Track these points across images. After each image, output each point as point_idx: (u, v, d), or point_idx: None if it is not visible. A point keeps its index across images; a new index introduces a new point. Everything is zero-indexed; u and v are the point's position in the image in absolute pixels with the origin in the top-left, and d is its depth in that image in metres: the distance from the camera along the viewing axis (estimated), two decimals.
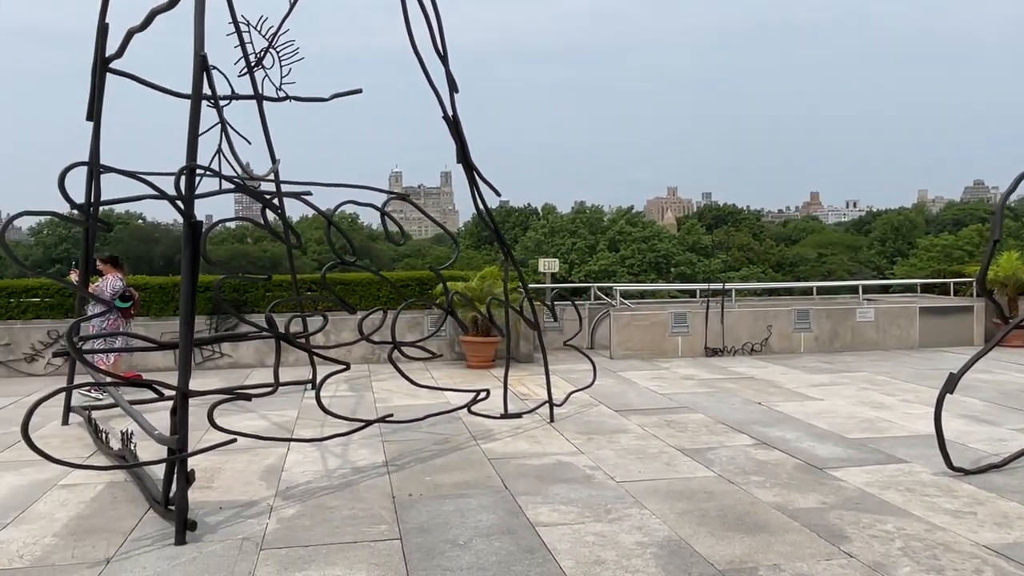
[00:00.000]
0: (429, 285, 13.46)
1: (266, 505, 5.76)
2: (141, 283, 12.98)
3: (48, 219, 50.16)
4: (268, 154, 9.95)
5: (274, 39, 9.25)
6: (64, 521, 5.47)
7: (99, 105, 8.30)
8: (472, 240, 75.80)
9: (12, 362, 12.18)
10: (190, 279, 5.48)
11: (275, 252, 61.50)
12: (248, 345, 12.71)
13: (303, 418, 8.78)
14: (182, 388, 5.26)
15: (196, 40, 6.12)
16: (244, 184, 7.27)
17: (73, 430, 8.27)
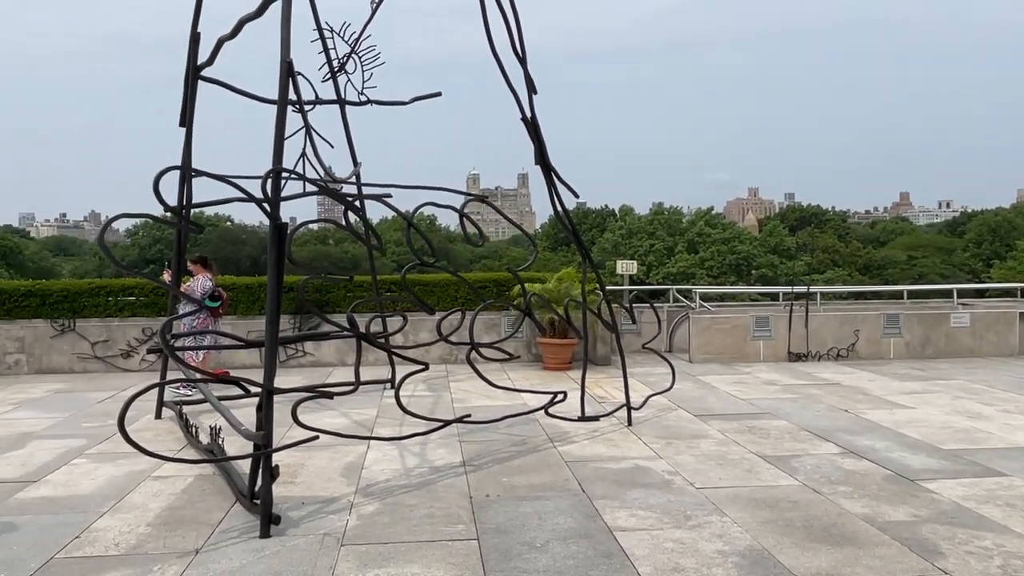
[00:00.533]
0: (507, 286, 13.49)
1: (347, 502, 5.86)
2: (229, 283, 13.42)
3: (143, 221, 52.32)
4: (350, 157, 10.16)
5: (356, 44, 9.42)
6: (157, 511, 5.68)
7: (191, 111, 8.62)
8: (549, 242, 75.78)
9: (110, 358, 12.76)
10: (275, 279, 5.63)
11: (356, 253, 62.81)
12: (330, 344, 12.99)
13: (382, 417, 8.91)
14: (267, 386, 5.41)
15: (282, 47, 6.29)
16: (327, 187, 7.44)
17: (165, 424, 8.60)
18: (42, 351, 12.73)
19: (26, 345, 12.70)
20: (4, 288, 13.27)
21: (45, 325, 12.75)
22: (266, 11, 7.32)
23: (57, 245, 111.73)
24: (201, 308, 9.93)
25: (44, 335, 12.74)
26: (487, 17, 7.31)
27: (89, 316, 12.88)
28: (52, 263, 80.00)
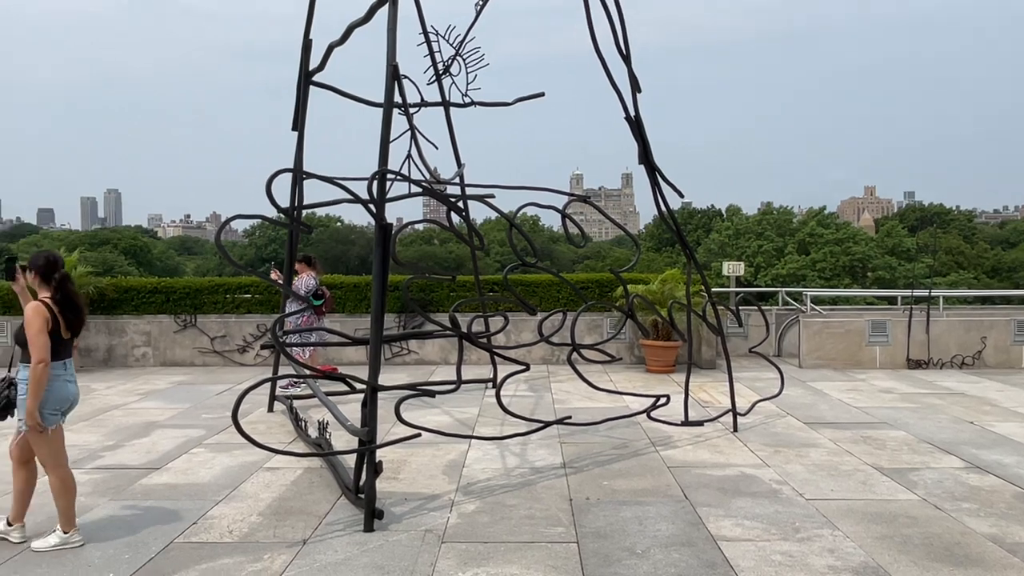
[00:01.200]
0: (609, 287, 13.37)
1: (448, 499, 5.92)
2: (337, 282, 13.84)
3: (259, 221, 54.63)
4: (454, 158, 10.29)
5: (461, 47, 9.53)
6: (268, 502, 5.90)
7: (303, 115, 8.93)
8: (653, 242, 74.75)
9: (227, 352, 13.38)
10: (381, 279, 5.74)
11: (460, 253, 63.70)
12: (433, 343, 13.20)
13: (484, 416, 8.98)
14: (372, 383, 5.52)
15: (388, 51, 6.42)
16: (431, 187, 7.54)
17: (277, 417, 8.93)
18: (166, 345, 13.46)
19: (152, 339, 13.46)
20: (133, 285, 14.12)
21: (169, 320, 13.48)
22: (374, 16, 7.51)
23: (181, 244, 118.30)
24: (309, 306, 10.24)
25: (168, 330, 13.47)
26: (591, 16, 7.25)
27: (209, 312, 13.54)
28: (177, 261, 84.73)
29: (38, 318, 4.80)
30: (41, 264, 4.97)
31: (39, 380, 4.77)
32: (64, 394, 4.96)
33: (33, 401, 4.79)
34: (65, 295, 4.94)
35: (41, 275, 4.97)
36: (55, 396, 4.90)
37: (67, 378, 5.00)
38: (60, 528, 4.98)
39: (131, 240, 79.69)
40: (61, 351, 4.95)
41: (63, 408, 5.00)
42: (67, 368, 5.01)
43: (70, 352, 5.08)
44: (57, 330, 4.89)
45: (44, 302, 4.90)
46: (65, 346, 5.00)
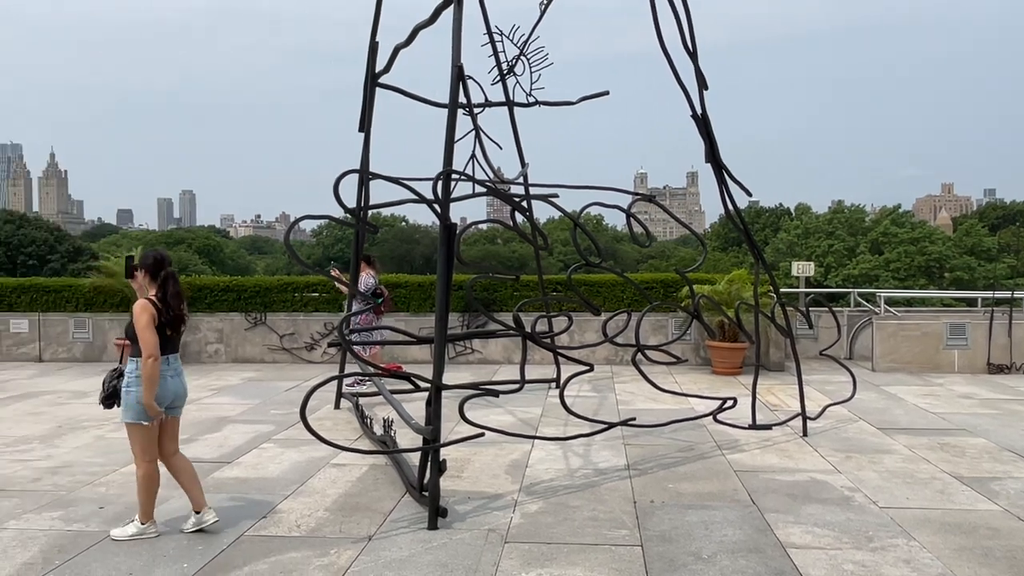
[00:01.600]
0: (674, 288, 13.20)
1: (511, 499, 5.92)
2: (401, 281, 14.01)
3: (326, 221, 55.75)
4: (518, 158, 10.30)
5: (525, 46, 9.52)
6: (334, 497, 5.99)
7: (370, 117, 9.05)
8: (719, 242, 73.57)
9: (295, 349, 13.66)
10: (445, 278, 5.78)
11: (523, 253, 63.80)
12: (497, 342, 13.24)
13: (547, 416, 8.96)
14: (436, 382, 5.56)
15: (453, 52, 6.45)
16: (495, 187, 7.56)
17: (343, 414, 9.08)
18: (237, 342, 13.82)
19: (224, 336, 13.84)
20: (206, 284, 14.54)
21: (240, 318, 13.84)
22: (439, 18, 7.56)
23: (252, 244, 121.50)
24: (371, 304, 10.36)
25: (239, 327, 13.83)
26: (657, 13, 7.16)
27: (278, 310, 13.85)
28: (247, 260, 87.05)
29: (145, 314, 4.95)
30: (149, 263, 5.13)
31: (151, 375, 4.91)
32: (163, 390, 5.05)
33: (148, 394, 4.93)
34: (169, 293, 5.08)
35: (150, 273, 5.13)
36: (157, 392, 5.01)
37: (169, 373, 5.11)
38: (138, 518, 5.14)
39: (204, 240, 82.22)
40: (165, 347, 5.06)
41: (165, 403, 5.09)
42: (170, 363, 5.13)
43: (175, 348, 5.20)
44: (162, 326, 5.02)
45: (150, 299, 5.05)
46: (169, 342, 5.12)
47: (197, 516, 5.24)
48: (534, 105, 9.72)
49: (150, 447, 5.10)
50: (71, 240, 65.39)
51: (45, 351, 14.08)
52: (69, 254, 58.88)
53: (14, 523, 5.45)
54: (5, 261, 56.83)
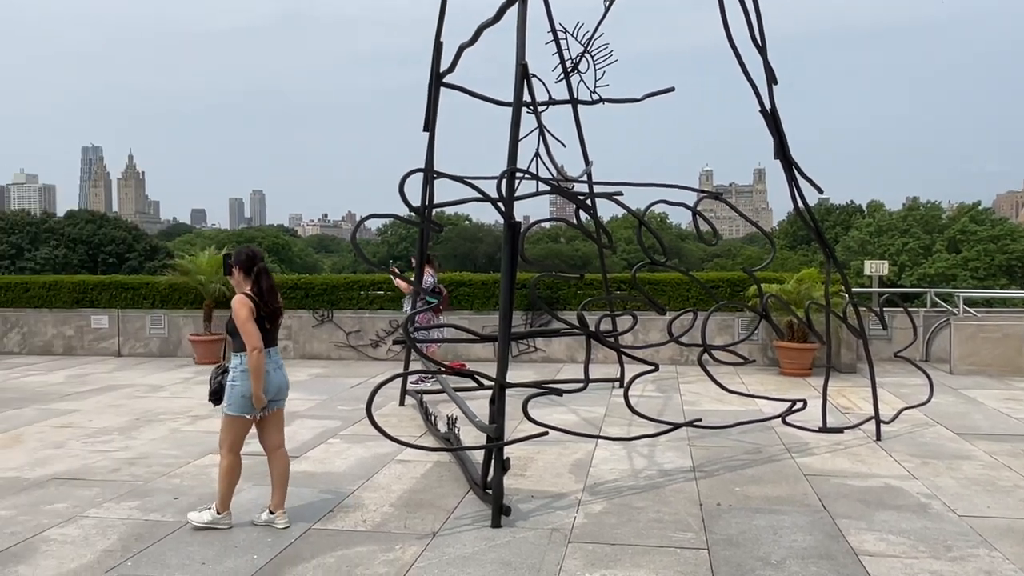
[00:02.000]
0: (741, 287, 12.96)
1: (574, 499, 5.89)
2: (465, 280, 14.09)
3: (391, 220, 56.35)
4: (582, 156, 10.25)
5: (589, 43, 9.46)
6: (399, 493, 6.06)
7: (434, 116, 9.12)
8: (787, 240, 72.01)
9: (361, 347, 13.88)
10: (509, 277, 5.78)
11: (587, 251, 63.53)
12: (560, 341, 13.20)
13: (610, 416, 8.89)
14: (500, 380, 5.56)
15: (518, 50, 6.44)
16: (559, 185, 7.53)
17: (408, 411, 9.18)
18: (305, 338, 14.11)
19: (293, 332, 14.14)
20: (276, 281, 14.85)
21: (308, 315, 14.12)
22: (503, 16, 7.57)
23: (319, 242, 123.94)
24: (433, 304, 10.43)
25: (307, 324, 14.11)
26: (724, 6, 7.03)
27: (344, 308, 14.08)
28: (315, 259, 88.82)
29: (243, 308, 5.05)
30: (242, 259, 5.25)
31: (256, 366, 5.02)
32: (267, 383, 5.13)
33: (256, 386, 5.04)
34: (264, 287, 5.19)
35: (243, 269, 5.25)
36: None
37: (272, 367, 5.19)
38: (215, 506, 5.26)
39: (274, 238, 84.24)
40: (265, 340, 5.15)
41: (269, 396, 5.17)
42: (271, 356, 5.21)
43: (274, 341, 5.30)
44: (261, 320, 5.12)
45: (247, 294, 5.17)
46: (268, 335, 5.21)
47: (271, 515, 5.34)
48: (598, 103, 9.65)
49: (239, 441, 5.23)
50: (148, 239, 67.74)
51: (124, 346, 14.61)
52: (146, 252, 61.02)
53: (95, 511, 5.66)
54: (87, 259, 59.20)
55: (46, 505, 5.80)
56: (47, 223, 62.07)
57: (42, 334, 14.86)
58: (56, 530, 5.28)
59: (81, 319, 14.74)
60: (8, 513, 5.63)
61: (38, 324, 14.88)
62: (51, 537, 5.15)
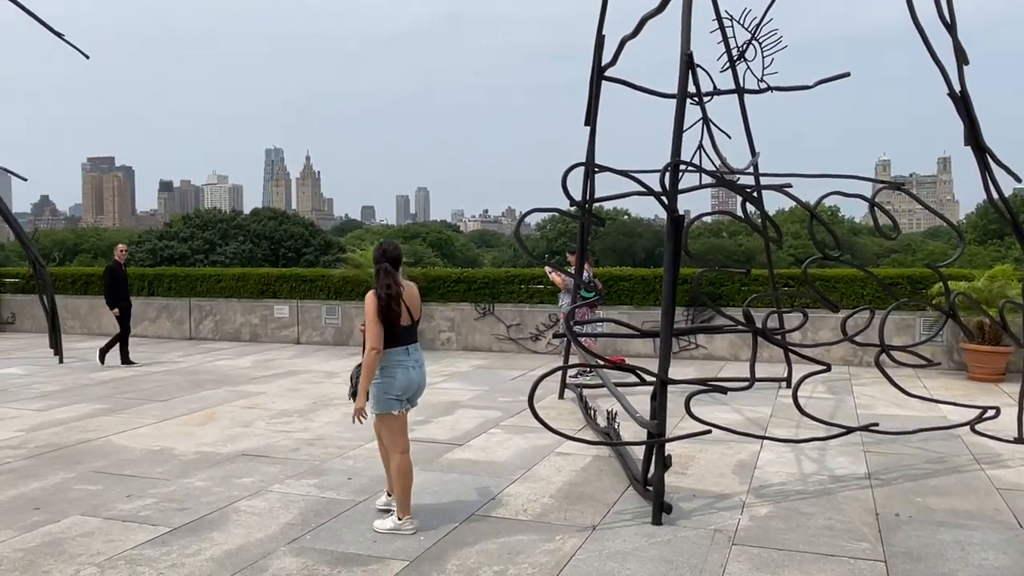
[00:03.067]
0: (922, 284, 12.07)
1: (738, 500, 5.72)
2: (625, 275, 13.98)
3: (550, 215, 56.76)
4: (748, 147, 9.89)
5: (757, 30, 9.11)
6: (559, 485, 6.11)
7: (595, 110, 9.09)
8: (976, 234, 66.38)
9: (521, 340, 14.10)
10: (672, 271, 5.68)
11: (750, 247, 61.34)
12: (723, 338, 12.84)
13: (777, 417, 8.55)
14: (662, 376, 5.48)
15: (683, 40, 6.30)
16: (724, 178, 7.31)
17: (567, 404, 9.23)
18: (467, 331, 14.51)
19: (455, 325, 14.59)
20: (439, 275, 15.39)
21: (470, 308, 14.51)
22: (667, 7, 7.43)
23: (480, 237, 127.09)
24: (590, 299, 10.40)
25: (469, 317, 14.51)
26: None
27: (505, 301, 14.36)
28: (476, 253, 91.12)
29: (369, 306, 4.93)
30: (376, 255, 5.16)
31: (369, 365, 4.91)
32: (405, 380, 5.00)
33: (363, 383, 4.93)
34: (379, 285, 4.99)
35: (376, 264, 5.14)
36: (397, 382, 4.98)
37: (410, 364, 5.03)
38: (396, 514, 5.13)
39: (437, 234, 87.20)
40: (401, 338, 5.00)
41: (405, 394, 5.05)
42: (410, 354, 5.04)
43: (411, 338, 5.09)
44: (388, 318, 4.94)
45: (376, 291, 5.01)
46: (406, 332, 5.04)
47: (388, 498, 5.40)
48: (766, 91, 9.28)
49: (400, 437, 5.11)
50: (322, 235, 71.96)
51: (302, 334, 15.61)
52: (321, 247, 64.83)
53: (278, 487, 6.09)
54: (269, 253, 63.69)
55: (236, 479, 6.31)
56: (235, 220, 67.29)
57: (232, 322, 16.14)
58: (245, 502, 5.73)
59: (265, 309, 15.90)
60: (204, 484, 6.17)
61: (228, 312, 16.19)
62: (240, 508, 5.60)
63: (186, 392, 10.13)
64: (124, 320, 12.54)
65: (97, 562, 4.66)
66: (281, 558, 4.71)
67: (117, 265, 12.68)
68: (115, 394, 9.99)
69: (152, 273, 17.56)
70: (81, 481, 6.27)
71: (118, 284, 12.54)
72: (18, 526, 5.26)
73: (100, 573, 4.51)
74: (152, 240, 61.75)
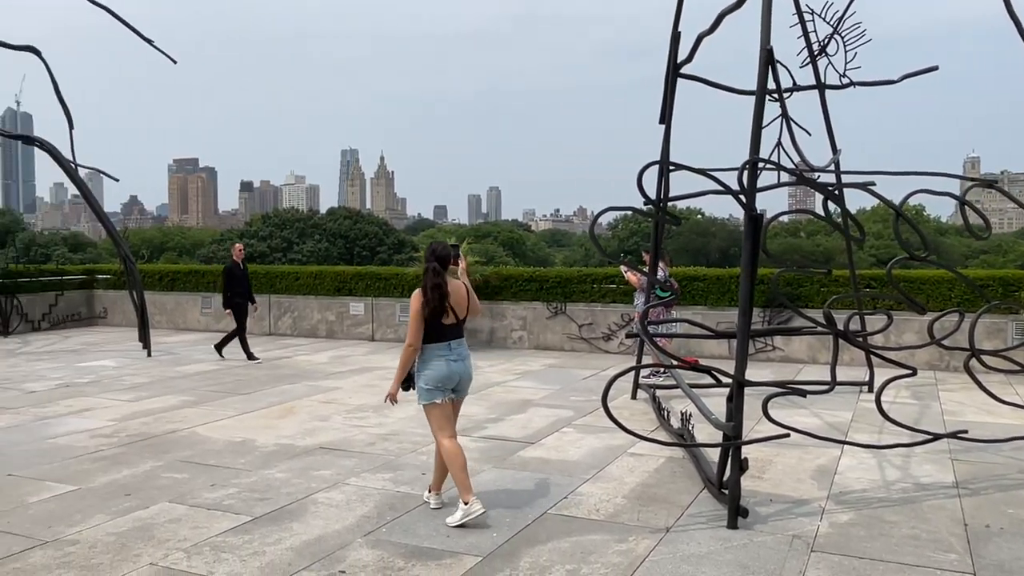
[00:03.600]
0: (1016, 286, 11.55)
1: (817, 506, 5.58)
2: (700, 275, 13.77)
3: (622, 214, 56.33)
4: (828, 144, 9.62)
5: (839, 24, 8.86)
6: (631, 486, 6.07)
7: (671, 108, 8.99)
8: None
9: (593, 339, 14.04)
10: (749, 271, 5.57)
11: (829, 247, 59.68)
12: (800, 340, 12.53)
13: (858, 421, 8.30)
14: (738, 377, 5.39)
15: (763, 35, 6.17)
16: (804, 176, 7.13)
17: (640, 405, 9.15)
18: (539, 330, 14.53)
19: (527, 323, 14.62)
20: (512, 274, 15.45)
21: (542, 307, 14.52)
22: (746, 2, 7.29)
23: (551, 237, 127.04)
24: (666, 299, 10.26)
25: (541, 316, 14.52)
26: None
27: (577, 301, 14.31)
28: (546, 253, 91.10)
29: (413, 303, 5.19)
30: (426, 255, 5.34)
31: (404, 360, 5.26)
32: (443, 373, 5.21)
33: (397, 375, 5.30)
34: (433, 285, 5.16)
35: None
36: (434, 374, 5.21)
37: (450, 358, 5.24)
38: (461, 500, 5.21)
39: (508, 233, 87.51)
40: (444, 334, 5.24)
41: (446, 385, 5.25)
42: (451, 349, 5.26)
43: (456, 334, 5.29)
44: (432, 314, 5.16)
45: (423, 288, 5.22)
46: (450, 329, 5.26)
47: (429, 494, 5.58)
48: (848, 87, 9.01)
49: (446, 424, 5.30)
50: (396, 234, 73.10)
51: (377, 331, 15.88)
52: (394, 246, 65.86)
53: (354, 480, 6.22)
54: (344, 252, 65.03)
55: (314, 471, 6.47)
56: (312, 219, 68.94)
57: (309, 318, 16.54)
58: (322, 494, 5.87)
59: (341, 306, 16.23)
60: (284, 475, 6.35)
61: (306, 309, 16.59)
62: (319, 499, 5.74)
63: (266, 386, 10.43)
64: (240, 317, 12.85)
65: (184, 547, 4.84)
66: (358, 550, 4.81)
67: (235, 264, 12.98)
68: (199, 387, 10.36)
69: None
70: (168, 469, 6.53)
71: (236, 283, 12.86)
72: (111, 510, 5.51)
73: (187, 558, 4.69)
74: (233, 239, 63.86)
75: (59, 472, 6.46)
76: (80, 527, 5.20)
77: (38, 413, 8.76)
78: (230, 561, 4.64)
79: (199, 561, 4.65)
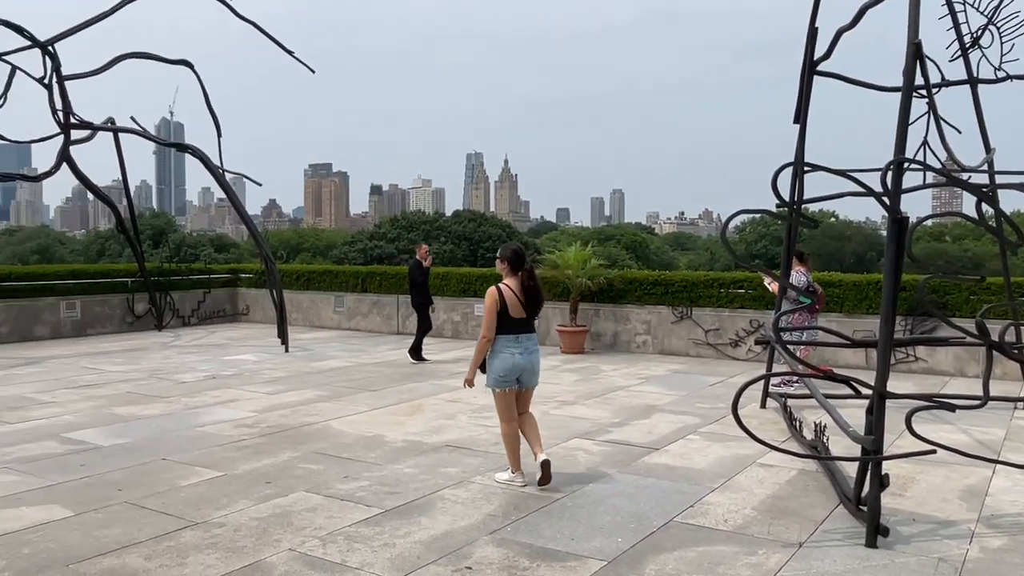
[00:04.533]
0: None
1: (966, 528, 5.23)
2: (835, 280, 13.18)
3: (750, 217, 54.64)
4: (981, 142, 9.00)
5: (995, 13, 8.28)
6: (761, 497, 5.88)
7: (806, 107, 8.66)
8: None
9: (720, 345, 13.69)
10: (893, 277, 5.29)
11: (978, 252, 55.88)
12: (947, 351, 11.78)
13: (1012, 440, 7.73)
14: (879, 389, 5.13)
15: (910, 27, 5.86)
16: (954, 176, 6.72)
17: (769, 414, 8.86)
18: (663, 334, 14.30)
19: (651, 328, 14.42)
20: (636, 277, 15.28)
21: (667, 311, 14.29)
22: None
23: (675, 240, 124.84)
24: (803, 304, 9.88)
25: (665, 320, 14.29)
26: None
27: (704, 306, 14.00)
28: (670, 256, 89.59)
29: (488, 299, 5.90)
30: (508, 254, 6.09)
31: (478, 350, 6.03)
32: (508, 364, 5.92)
33: (473, 363, 6.07)
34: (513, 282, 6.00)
35: (510, 264, 6.05)
36: (500, 364, 5.94)
37: (517, 351, 5.94)
38: (509, 468, 6.11)
39: (631, 236, 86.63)
40: (514, 328, 5.95)
41: (510, 376, 5.94)
42: (519, 342, 5.97)
43: (525, 328, 6.01)
44: (505, 310, 5.89)
45: (497, 287, 5.95)
46: (520, 324, 5.98)
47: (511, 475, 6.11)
48: (1004, 80, 8.42)
49: (507, 410, 6.05)
50: (519, 236, 73.79)
51: None
52: None
53: (479, 478, 6.32)
54: (468, 254, 66.21)
55: (441, 468, 6.62)
56: (438, 221, 70.55)
57: (434, 319, 16.93)
58: (449, 491, 6.00)
59: (466, 307, 16.52)
60: (412, 471, 6.53)
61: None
62: (445, 496, 5.87)
63: (395, 383, 10.76)
64: (422, 318, 13.06)
65: (320, 535, 5.07)
66: (483, 547, 4.89)
67: (416, 264, 13.06)
68: (332, 382, 10.81)
69: (365, 271, 18.80)
70: (305, 460, 6.85)
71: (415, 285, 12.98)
72: (253, 497, 5.83)
73: (322, 546, 4.90)
74: (363, 240, 66.19)
75: (207, 458, 6.90)
76: (226, 511, 5.53)
77: (188, 403, 9.38)
78: (362, 551, 4.82)
79: (333, 549, 4.85)
